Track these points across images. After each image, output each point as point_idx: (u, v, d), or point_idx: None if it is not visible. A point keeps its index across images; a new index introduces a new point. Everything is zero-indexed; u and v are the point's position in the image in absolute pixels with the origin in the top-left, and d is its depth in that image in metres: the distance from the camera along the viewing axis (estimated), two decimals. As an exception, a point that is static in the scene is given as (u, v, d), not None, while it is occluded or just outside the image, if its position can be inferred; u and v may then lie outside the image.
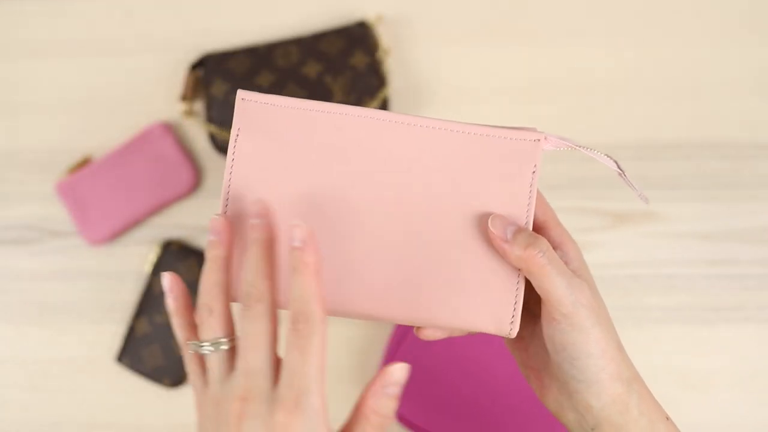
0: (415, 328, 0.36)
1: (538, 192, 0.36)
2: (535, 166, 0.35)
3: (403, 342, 0.55)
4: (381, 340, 0.58)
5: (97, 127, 0.65)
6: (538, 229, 0.37)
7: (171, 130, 0.63)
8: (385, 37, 0.65)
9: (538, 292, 0.33)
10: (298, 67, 0.61)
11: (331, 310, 0.35)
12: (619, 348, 0.34)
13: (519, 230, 0.33)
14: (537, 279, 0.33)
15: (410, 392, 0.54)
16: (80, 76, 0.66)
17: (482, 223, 0.34)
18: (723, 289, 0.58)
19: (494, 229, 0.33)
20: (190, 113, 0.62)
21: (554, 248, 0.36)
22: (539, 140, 0.35)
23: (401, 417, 0.54)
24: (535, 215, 0.36)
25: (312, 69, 0.61)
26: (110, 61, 0.66)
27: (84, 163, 0.63)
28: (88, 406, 0.60)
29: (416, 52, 0.64)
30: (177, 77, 0.65)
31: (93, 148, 0.64)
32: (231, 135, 0.35)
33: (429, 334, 0.36)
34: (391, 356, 0.55)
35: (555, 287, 0.32)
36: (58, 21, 0.67)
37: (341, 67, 0.61)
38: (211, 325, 0.32)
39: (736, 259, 0.59)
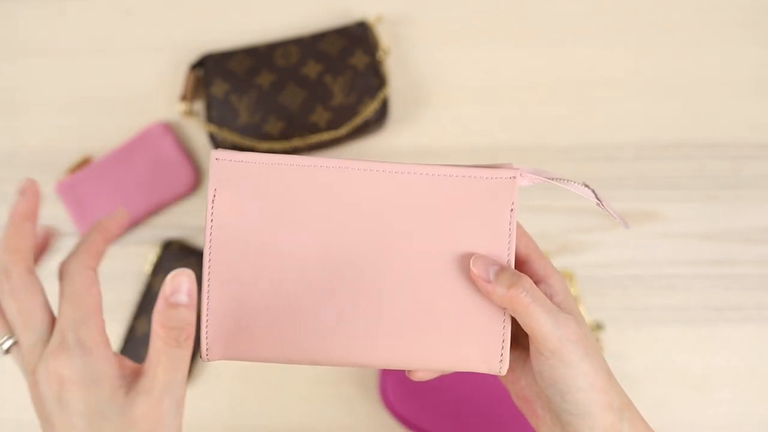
0: (406, 371, 0.36)
1: (519, 226, 0.36)
2: (512, 203, 0.35)
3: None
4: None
5: (97, 127, 0.65)
6: (520, 263, 0.37)
7: (171, 130, 0.63)
8: (385, 37, 0.65)
9: (525, 329, 0.34)
10: (298, 67, 0.61)
11: (318, 361, 0.35)
12: (609, 377, 0.35)
13: (501, 270, 0.34)
14: (522, 318, 0.33)
15: (410, 392, 0.54)
16: (80, 76, 0.66)
17: (464, 264, 0.35)
18: (723, 289, 0.58)
19: (476, 270, 0.34)
20: (190, 113, 0.62)
21: (538, 282, 0.36)
22: (514, 177, 0.35)
23: (401, 417, 0.54)
24: (517, 250, 0.37)
25: (312, 69, 0.61)
26: (110, 61, 0.66)
27: (84, 163, 0.63)
28: (88, 406, 0.60)
29: (416, 52, 0.65)
30: (177, 77, 0.65)
31: (93, 148, 0.64)
32: (208, 196, 0.35)
33: (420, 376, 0.36)
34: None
35: (540, 325, 0.33)
36: (58, 21, 0.67)
37: (341, 67, 0.61)
38: None
39: (736, 259, 0.59)
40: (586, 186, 0.35)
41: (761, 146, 0.61)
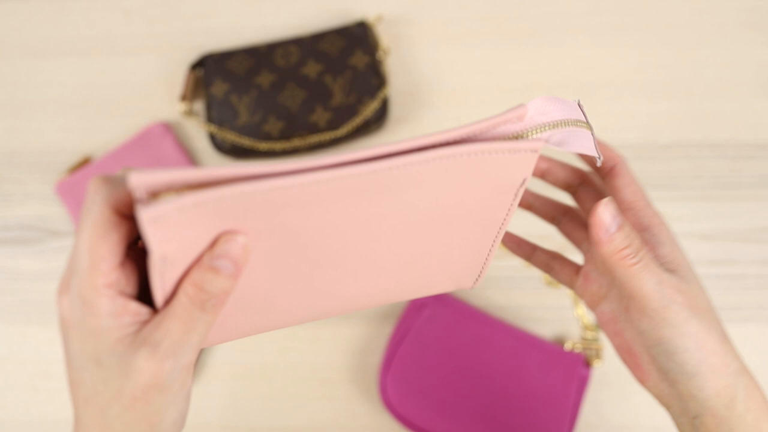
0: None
1: (628, 170, 0.35)
2: (524, 179, 0.29)
3: (403, 342, 0.55)
4: (381, 340, 0.58)
5: (97, 127, 0.65)
6: (624, 210, 0.36)
7: (171, 130, 0.63)
8: (385, 37, 0.65)
9: (623, 288, 0.32)
10: (298, 67, 0.61)
11: (312, 317, 0.33)
12: (722, 340, 0.32)
13: (620, 227, 0.32)
14: (623, 277, 0.32)
15: (410, 392, 0.54)
16: (80, 76, 0.66)
17: (449, 220, 0.31)
18: (723, 289, 0.58)
19: (602, 218, 0.31)
20: (190, 113, 0.62)
21: (641, 231, 0.35)
22: (536, 151, 0.27)
23: (401, 417, 0.54)
24: (622, 196, 0.35)
25: (312, 69, 0.61)
26: (110, 61, 0.66)
27: (84, 163, 0.63)
28: (88, 406, 0.60)
29: (416, 52, 0.64)
30: (177, 77, 0.65)
31: (93, 148, 0.64)
32: (151, 266, 0.25)
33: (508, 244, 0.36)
34: (391, 356, 0.55)
35: (641, 284, 0.32)
36: (58, 21, 0.67)
37: (341, 67, 0.61)
38: None
39: (736, 259, 0.59)
40: (580, 107, 0.30)
41: (761, 146, 0.61)
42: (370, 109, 0.60)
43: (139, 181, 0.23)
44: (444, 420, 0.53)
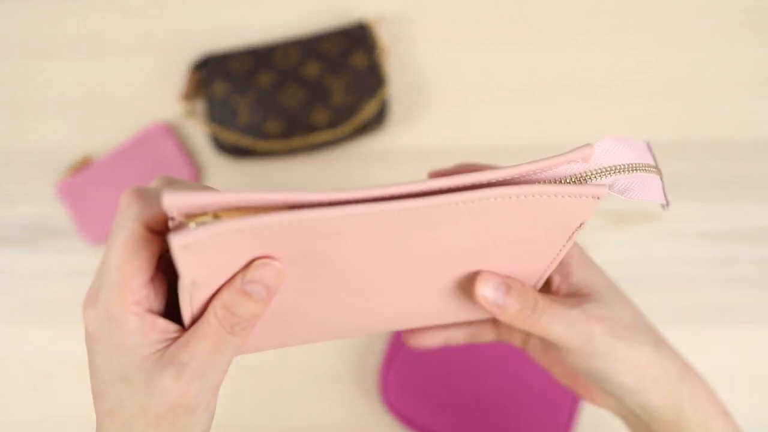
0: (404, 336, 0.36)
1: None
2: (581, 223, 0.27)
3: (403, 341, 0.55)
4: (381, 340, 0.58)
5: (97, 127, 0.65)
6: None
7: (171, 130, 0.63)
8: (384, 37, 0.65)
9: (539, 337, 0.33)
10: (298, 67, 0.61)
11: (348, 334, 0.33)
12: (657, 348, 0.32)
13: (507, 292, 0.30)
14: (532, 331, 0.31)
15: (412, 392, 0.54)
16: (80, 76, 0.66)
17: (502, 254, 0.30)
18: (723, 289, 0.58)
19: (485, 296, 0.30)
20: (190, 113, 0.62)
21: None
22: (598, 198, 0.26)
23: (402, 416, 0.54)
24: None
25: (312, 69, 0.61)
26: (110, 61, 0.66)
27: (84, 163, 0.63)
28: (88, 406, 0.60)
29: (416, 52, 0.65)
30: (177, 77, 0.65)
31: (93, 148, 0.64)
32: (181, 288, 0.25)
33: (416, 342, 0.36)
34: (392, 355, 0.55)
35: (551, 333, 0.31)
36: (59, 21, 0.67)
37: (341, 67, 0.61)
38: None
39: (736, 259, 0.59)
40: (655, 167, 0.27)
41: (761, 146, 0.61)
42: (370, 109, 0.60)
43: (173, 203, 0.22)
44: (444, 419, 0.53)
